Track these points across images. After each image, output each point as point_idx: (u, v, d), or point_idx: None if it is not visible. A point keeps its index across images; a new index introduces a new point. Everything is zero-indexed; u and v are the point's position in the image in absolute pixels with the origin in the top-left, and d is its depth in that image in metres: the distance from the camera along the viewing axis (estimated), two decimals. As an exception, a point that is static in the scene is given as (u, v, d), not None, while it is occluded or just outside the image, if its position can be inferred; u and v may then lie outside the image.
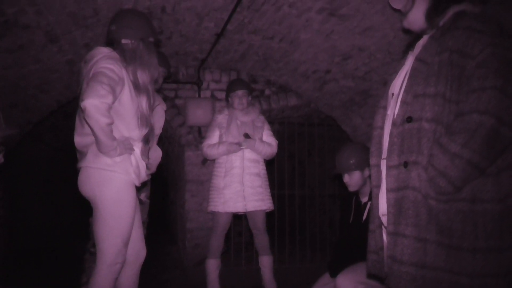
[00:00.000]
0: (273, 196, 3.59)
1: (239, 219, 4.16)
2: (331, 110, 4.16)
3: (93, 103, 1.80)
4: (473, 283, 1.30)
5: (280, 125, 4.61)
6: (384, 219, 1.55)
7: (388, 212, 1.47)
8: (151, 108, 2.15)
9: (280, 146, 3.61)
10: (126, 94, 2.00)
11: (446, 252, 1.31)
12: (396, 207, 1.43)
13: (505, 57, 1.32)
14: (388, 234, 1.46)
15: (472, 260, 1.30)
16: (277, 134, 3.68)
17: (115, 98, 1.93)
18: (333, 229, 4.77)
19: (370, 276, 1.74)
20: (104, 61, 1.93)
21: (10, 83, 3.07)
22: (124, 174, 1.98)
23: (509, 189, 1.32)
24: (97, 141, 1.90)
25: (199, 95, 4.12)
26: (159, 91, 3.19)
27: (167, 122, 4.21)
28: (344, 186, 2.88)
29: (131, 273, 2.18)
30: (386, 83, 2.96)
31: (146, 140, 2.16)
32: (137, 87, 2.05)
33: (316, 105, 4.23)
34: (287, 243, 4.32)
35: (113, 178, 1.97)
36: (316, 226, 4.49)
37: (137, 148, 2.05)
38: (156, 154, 2.85)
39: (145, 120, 2.08)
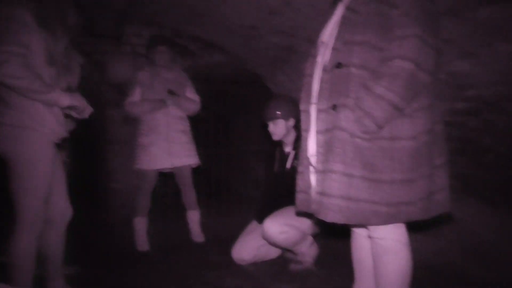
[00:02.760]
0: (199, 154, 3.61)
1: (164, 179, 4.12)
2: (257, 68, 4.20)
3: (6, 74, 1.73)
4: (390, 211, 1.47)
5: (205, 83, 4.57)
6: (313, 160, 1.66)
7: (318, 152, 1.58)
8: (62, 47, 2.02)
9: (205, 104, 3.60)
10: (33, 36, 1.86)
11: (368, 185, 1.46)
12: (325, 147, 1.55)
13: (425, 7, 1.46)
14: (317, 172, 1.57)
15: (390, 191, 1.46)
16: (202, 92, 3.65)
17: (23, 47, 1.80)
18: (257, 185, 4.94)
19: (299, 213, 1.87)
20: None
21: None
22: (40, 130, 1.89)
23: (421, 128, 1.50)
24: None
25: (119, 50, 3.90)
26: (75, 45, 2.97)
27: (85, 79, 3.94)
28: (270, 143, 3.00)
29: (56, 232, 2.11)
30: (310, 40, 3.05)
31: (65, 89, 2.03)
32: (43, 25, 1.90)
33: (241, 62, 4.24)
34: (214, 199, 4.40)
35: (28, 135, 1.87)
36: (242, 183, 4.62)
37: (56, 96, 1.93)
38: None
39: (55, 61, 1.95)
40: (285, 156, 2.83)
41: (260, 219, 2.74)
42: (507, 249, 2.22)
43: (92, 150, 4.87)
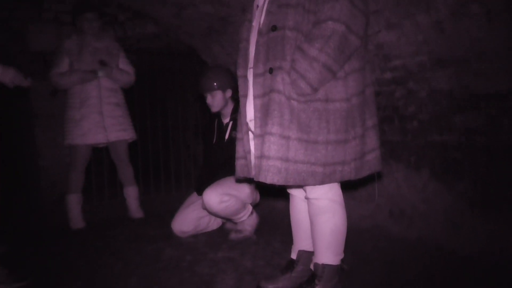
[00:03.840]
0: (135, 127, 3.50)
1: (98, 157, 3.96)
2: (191, 39, 4.10)
3: None
4: (325, 171, 1.54)
5: (137, 56, 4.38)
6: (251, 124, 1.68)
7: (255, 117, 1.60)
8: None
9: (138, 77, 3.47)
10: None
11: (305, 146, 1.51)
12: (263, 111, 1.57)
13: None
14: (256, 136, 1.60)
15: (325, 152, 1.53)
16: (135, 65, 3.51)
17: None
18: (196, 161, 4.91)
19: (239, 180, 1.89)
20: None
21: None
22: None
23: (354, 90, 1.57)
24: None
25: (40, 17, 3.61)
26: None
27: (3, 48, 3.62)
28: (205, 114, 2.98)
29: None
30: (245, 10, 3.03)
31: None
32: None
33: (175, 33, 4.11)
34: (151, 176, 4.32)
35: None
36: (180, 159, 4.56)
37: None
38: None
39: None
40: (223, 127, 2.83)
41: (200, 191, 2.74)
42: (430, 209, 2.42)
43: (18, 126, 4.52)
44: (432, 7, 2.10)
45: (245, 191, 2.63)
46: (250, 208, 2.77)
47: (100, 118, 3.17)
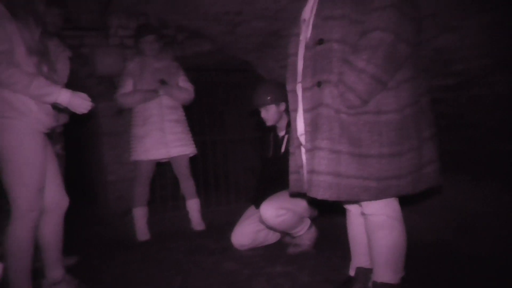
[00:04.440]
0: (195, 142, 3.61)
1: (162, 171, 4.13)
2: (246, 55, 4.18)
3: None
4: (379, 186, 1.48)
5: (195, 73, 4.55)
6: (302, 139, 1.67)
7: (306, 131, 1.59)
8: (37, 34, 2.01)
9: (197, 93, 3.59)
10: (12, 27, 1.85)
11: (357, 160, 1.47)
12: (312, 125, 1.56)
13: None
14: (307, 151, 1.58)
15: (379, 166, 1.47)
16: (193, 82, 3.64)
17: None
18: (253, 172, 4.95)
19: (293, 194, 1.88)
20: None
21: None
22: (23, 119, 1.89)
23: (406, 100, 1.50)
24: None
25: (107, 43, 3.87)
26: (61, 39, 2.95)
27: (73, 74, 3.92)
28: (263, 129, 3.01)
29: (54, 221, 2.12)
30: (296, 23, 3.04)
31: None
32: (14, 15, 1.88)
33: (230, 50, 4.22)
34: (212, 189, 4.42)
35: (11, 125, 1.88)
36: (238, 171, 4.63)
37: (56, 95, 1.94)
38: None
39: (34, 51, 1.95)
40: (279, 141, 2.84)
41: (257, 204, 2.75)
42: (498, 223, 2.24)
43: (87, 144, 4.86)
44: (496, 6, 1.97)
45: (301, 205, 2.60)
46: (308, 222, 2.73)
47: (162, 135, 3.31)
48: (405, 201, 1.70)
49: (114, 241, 3.38)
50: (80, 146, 5.07)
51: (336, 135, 1.47)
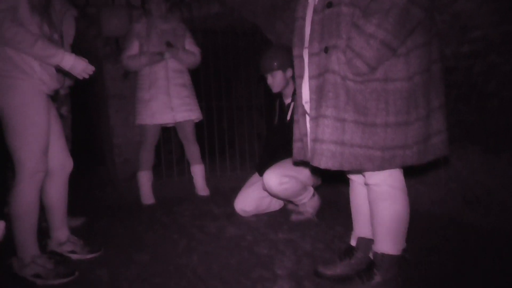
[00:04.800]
0: (201, 108, 3.57)
1: (168, 135, 4.12)
2: (255, 17, 4.06)
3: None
4: (384, 155, 1.44)
5: (203, 36, 4.45)
6: (307, 106, 1.62)
7: (311, 98, 1.53)
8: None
9: (204, 57, 3.51)
10: None
11: (362, 129, 1.42)
12: (318, 92, 1.50)
13: None
14: (311, 119, 1.53)
15: (384, 135, 1.42)
16: (200, 45, 3.56)
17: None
18: (259, 139, 4.93)
19: (296, 163, 1.85)
20: None
21: None
22: (26, 79, 1.87)
23: (416, 68, 1.43)
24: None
25: (113, 3, 3.78)
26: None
27: (79, 34, 3.85)
28: (268, 94, 2.94)
29: (58, 183, 2.14)
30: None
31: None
32: None
33: (239, 12, 4.09)
34: (217, 154, 4.42)
35: (14, 85, 1.85)
36: (245, 138, 4.60)
37: (59, 58, 1.91)
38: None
39: (38, 10, 1.90)
40: (285, 108, 2.78)
41: (261, 172, 2.74)
42: (507, 196, 2.20)
43: (93, 106, 4.86)
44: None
45: (305, 173, 2.58)
46: (311, 190, 2.72)
47: (168, 99, 3.27)
48: (411, 171, 1.66)
49: (120, 204, 3.43)
50: (87, 108, 5.07)
51: (342, 103, 1.42)
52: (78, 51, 2.78)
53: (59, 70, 2.03)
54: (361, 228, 1.79)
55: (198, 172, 3.55)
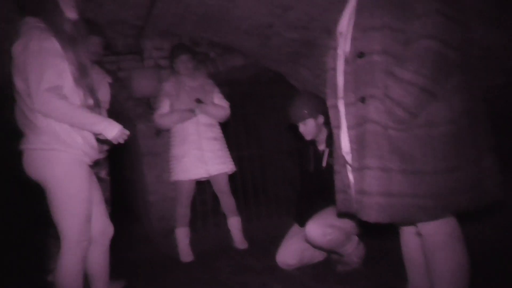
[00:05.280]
0: (232, 158, 3.58)
1: (202, 187, 4.13)
2: (279, 66, 4.14)
3: (47, 101, 1.78)
4: (437, 204, 1.37)
5: (229, 88, 4.55)
6: (348, 157, 1.58)
7: (352, 149, 1.50)
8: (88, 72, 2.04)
9: (232, 108, 3.57)
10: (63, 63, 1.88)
11: (410, 178, 1.37)
12: (358, 142, 1.46)
13: None
14: (354, 170, 1.49)
15: (435, 182, 1.36)
16: (227, 96, 3.63)
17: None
18: (291, 184, 4.87)
19: (341, 214, 1.78)
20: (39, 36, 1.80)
21: None
22: (69, 151, 1.90)
23: (459, 109, 1.38)
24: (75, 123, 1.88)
25: (143, 65, 3.94)
26: (100, 65, 3.02)
27: (112, 97, 4.01)
28: (300, 140, 2.92)
29: (100, 250, 2.13)
30: (329, 31, 2.96)
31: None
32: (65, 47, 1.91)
33: (263, 62, 4.18)
34: (252, 203, 4.37)
35: (58, 157, 1.89)
36: (277, 184, 4.57)
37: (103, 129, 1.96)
38: None
39: (87, 89, 1.98)
40: (319, 155, 2.74)
41: (301, 222, 2.66)
42: None
43: (128, 164, 4.96)
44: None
45: (349, 222, 2.48)
46: (356, 239, 2.61)
47: (200, 154, 3.29)
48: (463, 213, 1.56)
49: (158, 262, 3.39)
50: (122, 166, 5.17)
51: (386, 153, 1.37)
52: (111, 113, 2.91)
53: (98, 139, 2.08)
54: (418, 280, 1.68)
55: (235, 224, 3.50)
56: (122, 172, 5.31)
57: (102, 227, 2.12)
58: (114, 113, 2.99)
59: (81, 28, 2.01)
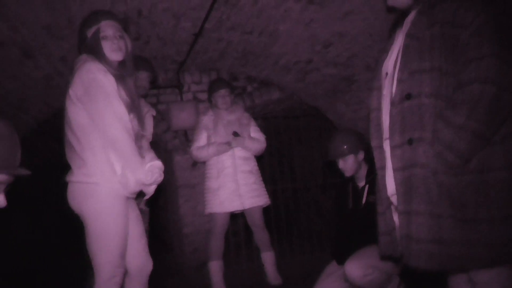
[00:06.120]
0: (267, 191, 3.57)
1: (234, 218, 4.12)
2: (315, 100, 4.16)
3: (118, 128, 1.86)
4: (492, 253, 1.31)
5: (264, 121, 4.60)
6: (394, 199, 1.55)
7: (397, 191, 1.47)
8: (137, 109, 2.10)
9: (267, 141, 3.59)
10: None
11: (462, 225, 1.32)
12: (404, 186, 1.43)
13: (498, 22, 1.34)
14: (400, 213, 1.46)
15: (489, 230, 1.30)
16: (262, 129, 3.66)
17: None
18: (324, 219, 4.78)
19: (384, 257, 1.73)
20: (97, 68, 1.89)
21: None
22: (107, 185, 1.91)
23: (515, 155, 1.34)
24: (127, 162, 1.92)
25: (182, 99, 4.06)
26: (143, 98, 3.13)
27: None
28: (334, 174, 2.89)
29: (138, 285, 2.12)
30: (369, 67, 2.98)
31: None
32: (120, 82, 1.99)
33: (299, 96, 4.22)
34: (285, 238, 4.32)
35: (96, 190, 1.90)
36: (311, 218, 4.50)
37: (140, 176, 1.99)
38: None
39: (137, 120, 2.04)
40: (358, 191, 2.70)
41: (340, 260, 2.60)
42: None
43: (162, 195, 5.02)
44: None
45: (390, 263, 2.41)
46: (397, 279, 2.51)
47: (236, 187, 3.31)
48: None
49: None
50: (157, 197, 5.24)
51: (435, 198, 1.33)
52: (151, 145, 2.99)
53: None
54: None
55: (268, 259, 3.45)
56: (157, 203, 5.38)
57: (141, 262, 2.11)
58: (152, 145, 3.08)
59: (128, 66, 2.09)
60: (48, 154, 5.68)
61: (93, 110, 1.87)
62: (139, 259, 2.10)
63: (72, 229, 2.78)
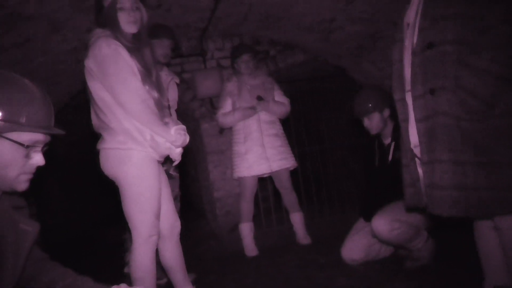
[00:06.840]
0: (294, 154, 3.61)
1: (263, 184, 4.20)
2: (340, 61, 4.09)
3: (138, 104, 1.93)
4: (517, 197, 1.30)
5: (289, 84, 4.56)
6: (416, 151, 1.55)
7: (421, 142, 1.47)
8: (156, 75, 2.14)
9: (292, 104, 3.59)
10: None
11: (486, 170, 1.32)
12: (427, 136, 1.44)
13: None
14: (423, 164, 1.47)
15: (514, 174, 1.30)
16: (287, 93, 3.66)
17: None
18: (356, 180, 4.78)
19: (409, 209, 1.75)
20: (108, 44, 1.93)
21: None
22: (140, 149, 1.99)
23: (542, 99, 1.31)
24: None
25: (205, 66, 4.08)
26: (167, 66, 3.17)
27: (178, 98, 4.19)
28: (362, 135, 2.88)
29: (172, 245, 2.22)
30: (395, 23, 2.89)
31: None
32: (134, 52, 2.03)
33: (323, 57, 4.15)
34: (314, 199, 4.37)
35: (130, 155, 1.99)
36: (339, 179, 4.51)
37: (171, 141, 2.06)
38: None
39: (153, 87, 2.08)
40: (385, 149, 2.69)
41: (367, 217, 2.63)
42: None
43: (192, 162, 5.15)
44: None
45: (418, 217, 2.42)
46: (425, 233, 2.53)
47: (263, 150, 3.37)
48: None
49: (225, 256, 3.50)
50: (187, 164, 5.38)
51: (458, 145, 1.33)
52: (177, 114, 3.05)
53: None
54: (496, 276, 1.61)
55: (297, 220, 3.54)
56: (187, 170, 5.51)
57: (171, 222, 2.21)
58: (179, 113, 3.14)
59: (144, 38, 2.11)
60: (85, 126, 5.88)
61: (108, 87, 1.94)
62: (170, 219, 2.20)
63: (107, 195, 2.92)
